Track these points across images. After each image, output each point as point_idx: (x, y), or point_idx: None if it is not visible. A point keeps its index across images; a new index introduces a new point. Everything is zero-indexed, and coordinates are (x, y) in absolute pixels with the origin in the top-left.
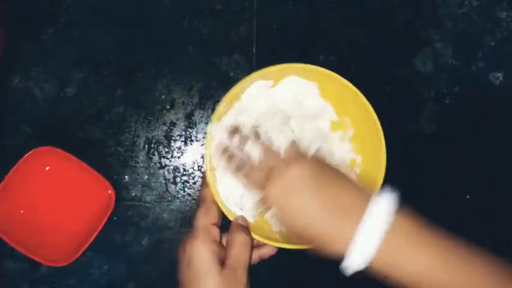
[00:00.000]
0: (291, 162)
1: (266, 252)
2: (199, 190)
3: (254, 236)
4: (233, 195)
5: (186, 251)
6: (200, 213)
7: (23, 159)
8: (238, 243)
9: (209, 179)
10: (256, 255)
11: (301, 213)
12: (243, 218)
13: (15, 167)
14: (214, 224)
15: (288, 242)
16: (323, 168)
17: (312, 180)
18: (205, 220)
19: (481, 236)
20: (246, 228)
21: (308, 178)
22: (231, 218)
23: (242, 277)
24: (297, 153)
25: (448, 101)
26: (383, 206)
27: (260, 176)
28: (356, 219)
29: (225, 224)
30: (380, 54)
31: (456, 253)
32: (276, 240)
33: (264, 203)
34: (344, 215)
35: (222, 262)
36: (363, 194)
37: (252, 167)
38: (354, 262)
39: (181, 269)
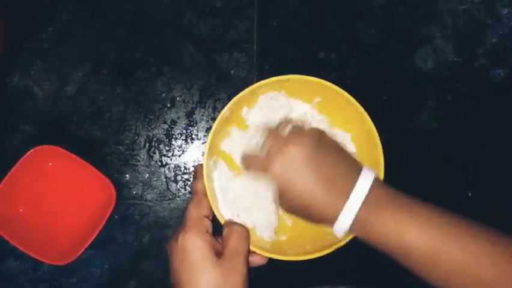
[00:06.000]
0: (289, 140)
1: (256, 260)
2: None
3: None
4: (232, 202)
5: (179, 244)
6: (191, 205)
7: (23, 158)
8: (236, 234)
9: (204, 171)
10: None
11: (299, 188)
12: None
13: (16, 166)
14: (206, 216)
15: (278, 253)
16: (318, 145)
17: (308, 159)
18: (196, 212)
19: None
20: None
21: (305, 157)
22: (222, 221)
23: (241, 268)
24: (294, 131)
25: (449, 98)
26: (366, 184)
27: (262, 159)
28: (345, 195)
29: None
30: (380, 51)
31: (435, 218)
32: (266, 250)
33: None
34: (335, 191)
35: (218, 254)
36: (352, 171)
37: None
38: (341, 226)
39: (174, 263)
